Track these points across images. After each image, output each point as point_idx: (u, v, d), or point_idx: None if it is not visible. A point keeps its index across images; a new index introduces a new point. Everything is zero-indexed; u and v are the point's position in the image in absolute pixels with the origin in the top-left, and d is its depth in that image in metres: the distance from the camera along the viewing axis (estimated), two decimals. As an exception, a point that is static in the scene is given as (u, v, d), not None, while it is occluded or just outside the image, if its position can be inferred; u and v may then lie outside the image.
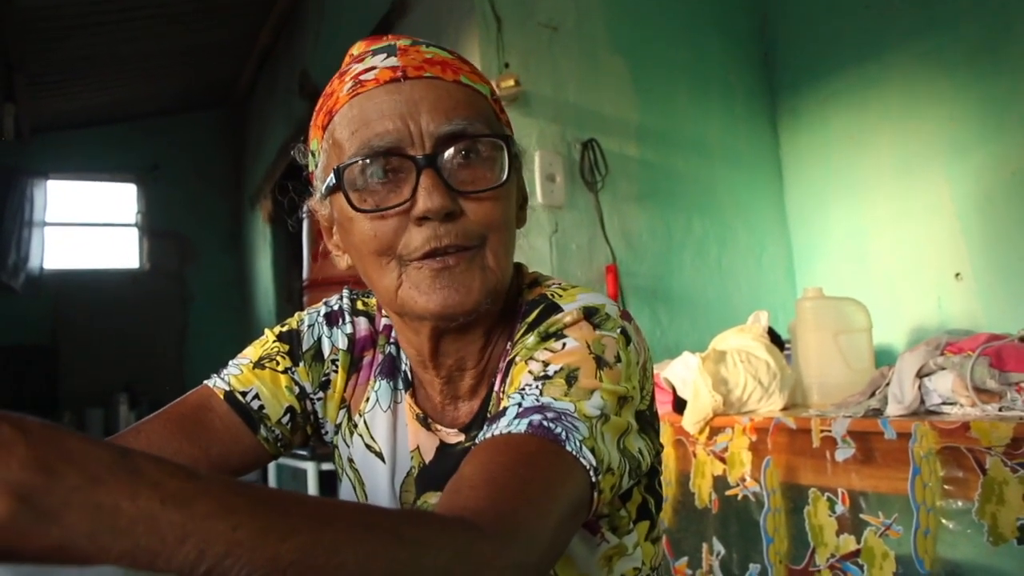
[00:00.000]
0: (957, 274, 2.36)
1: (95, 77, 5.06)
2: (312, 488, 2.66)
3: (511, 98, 2.27)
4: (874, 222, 2.62)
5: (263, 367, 0.84)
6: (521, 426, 0.61)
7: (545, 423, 0.61)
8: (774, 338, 2.03)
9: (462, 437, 0.80)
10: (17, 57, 4.21)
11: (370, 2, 3.24)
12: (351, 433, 0.87)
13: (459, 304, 0.71)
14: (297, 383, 0.84)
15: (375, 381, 0.87)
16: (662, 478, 0.86)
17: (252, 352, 0.86)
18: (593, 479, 0.61)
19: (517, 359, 0.71)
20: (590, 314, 0.72)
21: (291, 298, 5.19)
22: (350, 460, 0.88)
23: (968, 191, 2.34)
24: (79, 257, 6.24)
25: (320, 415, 0.87)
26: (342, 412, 0.88)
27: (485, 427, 0.64)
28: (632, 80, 2.65)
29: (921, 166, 2.47)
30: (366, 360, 0.88)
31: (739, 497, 1.76)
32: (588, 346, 0.69)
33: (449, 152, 0.70)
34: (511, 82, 2.24)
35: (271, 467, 3.43)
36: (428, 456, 0.81)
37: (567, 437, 0.61)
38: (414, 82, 0.71)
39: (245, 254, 6.34)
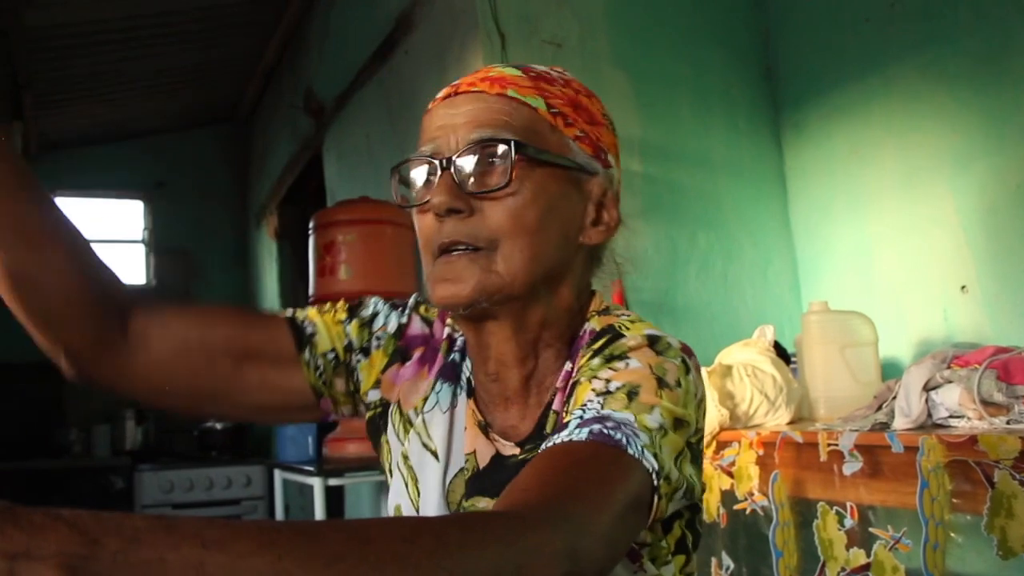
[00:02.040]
0: (963, 287, 2.35)
1: (101, 95, 5.10)
2: (319, 502, 2.66)
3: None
4: (879, 235, 2.62)
5: (321, 312, 0.91)
6: (582, 434, 0.63)
7: (605, 431, 0.63)
8: (780, 352, 2.03)
9: (517, 451, 0.82)
10: (25, 76, 4.25)
11: (375, 20, 3.27)
12: (406, 431, 0.90)
13: (450, 296, 0.76)
14: (347, 335, 0.90)
15: (437, 383, 0.91)
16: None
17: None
18: (655, 482, 0.62)
19: (581, 379, 0.74)
20: (653, 341, 0.76)
21: (296, 314, 5.19)
22: (405, 456, 0.90)
23: (972, 203, 2.34)
24: (85, 274, 6.25)
25: (358, 378, 0.91)
26: (374, 392, 0.91)
27: (546, 440, 0.66)
28: (635, 95, 2.66)
29: (925, 179, 2.47)
30: (415, 356, 0.92)
31: (747, 511, 1.76)
32: (651, 367, 0.72)
33: (467, 156, 0.76)
34: (516, 99, 2.25)
35: (278, 482, 3.43)
36: (483, 462, 0.84)
37: (628, 443, 0.62)
38: (464, 96, 0.79)
39: (251, 270, 6.36)
